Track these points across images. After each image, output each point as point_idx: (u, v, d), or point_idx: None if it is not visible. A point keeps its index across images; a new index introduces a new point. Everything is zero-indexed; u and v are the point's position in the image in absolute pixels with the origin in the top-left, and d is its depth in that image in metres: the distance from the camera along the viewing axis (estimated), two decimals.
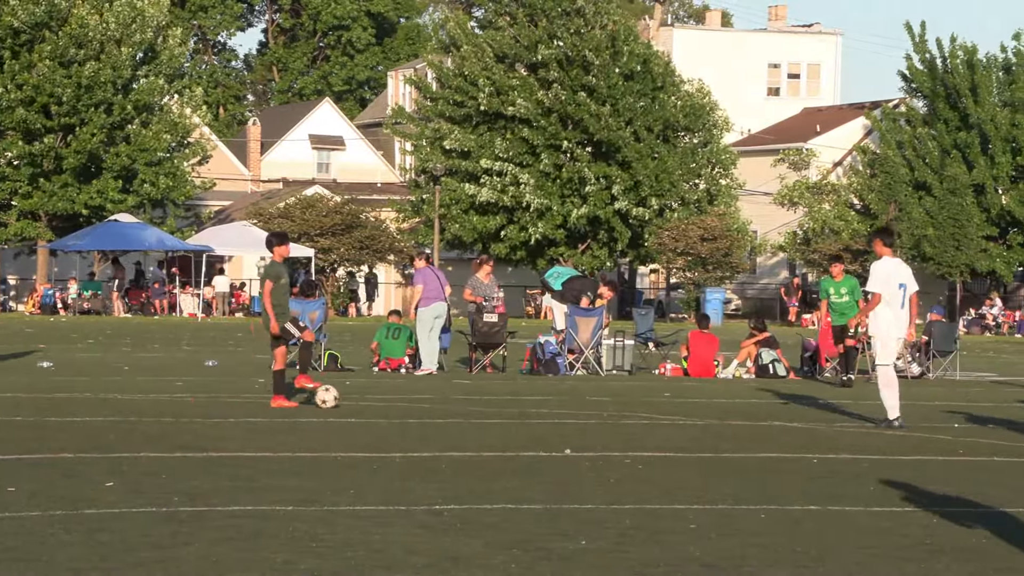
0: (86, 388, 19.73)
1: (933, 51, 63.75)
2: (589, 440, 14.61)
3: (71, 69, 56.59)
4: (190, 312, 55.11)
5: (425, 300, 24.56)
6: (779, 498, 10.92)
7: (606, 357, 25.65)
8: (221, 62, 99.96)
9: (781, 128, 73.21)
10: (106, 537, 8.76)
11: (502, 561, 8.32)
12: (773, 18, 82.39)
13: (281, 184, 73.91)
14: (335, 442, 13.96)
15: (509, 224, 60.17)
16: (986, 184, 61.41)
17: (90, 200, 57.28)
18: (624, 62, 60.49)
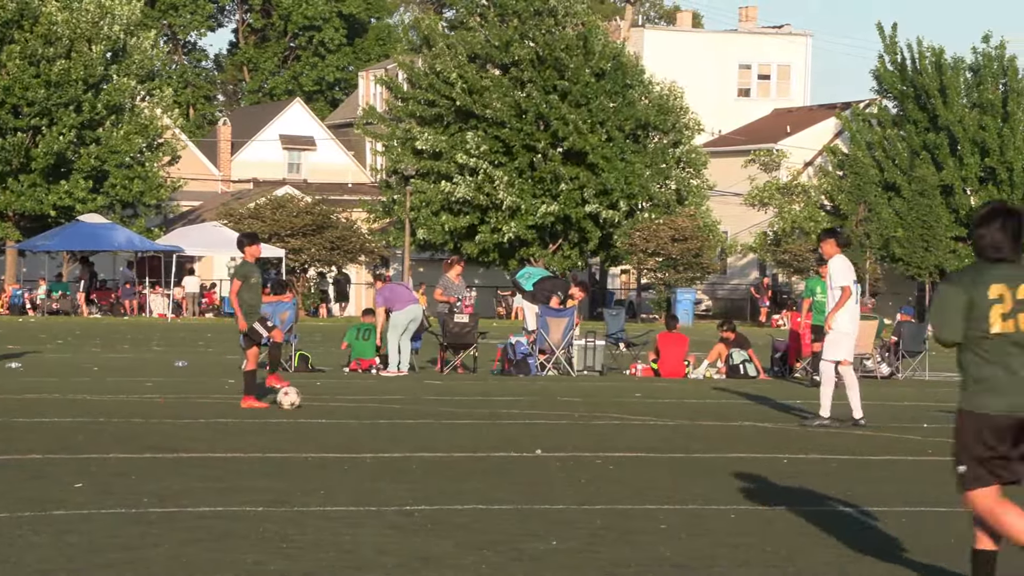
0: (55, 389, 19.63)
1: (904, 52, 64.07)
2: (560, 440, 14.61)
3: (40, 67, 56.34)
4: (160, 313, 54.92)
5: (400, 305, 24.54)
6: (749, 498, 10.94)
7: (577, 358, 25.66)
8: (191, 62, 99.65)
9: (751, 129, 73.41)
10: (75, 538, 8.72)
11: (473, 561, 8.31)
12: (743, 19, 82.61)
13: (252, 184, 73.74)
14: (305, 443, 13.92)
15: (481, 224, 60.16)
16: (955, 185, 61.74)
17: (59, 200, 57.03)
18: (595, 61, 60.55)
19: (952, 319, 7.37)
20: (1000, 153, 61.45)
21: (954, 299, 7.38)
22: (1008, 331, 7.32)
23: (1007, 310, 7.33)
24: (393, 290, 25.18)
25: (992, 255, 7.41)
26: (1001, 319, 7.32)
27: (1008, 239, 7.40)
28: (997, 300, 7.32)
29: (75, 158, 57.38)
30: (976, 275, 7.39)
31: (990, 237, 7.41)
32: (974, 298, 7.33)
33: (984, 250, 7.44)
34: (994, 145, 61.44)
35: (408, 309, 24.48)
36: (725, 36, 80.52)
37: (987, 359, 7.35)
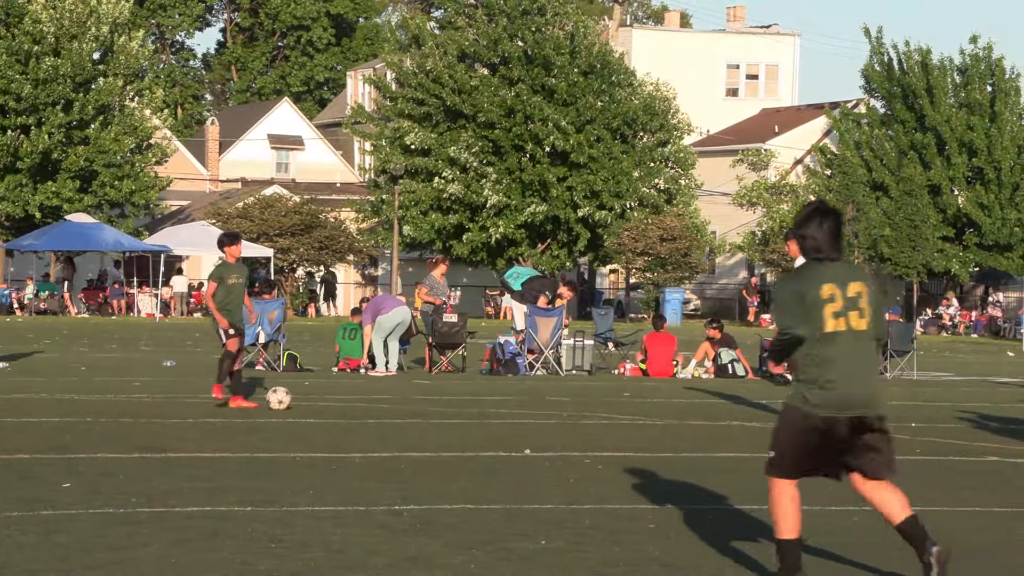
0: (42, 389, 19.60)
1: (891, 53, 64.20)
2: (548, 440, 14.62)
3: (29, 65, 56.23)
4: (148, 312, 54.85)
5: (386, 309, 24.53)
6: (738, 498, 10.96)
7: (566, 357, 25.68)
8: (179, 62, 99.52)
9: (739, 129, 73.48)
10: (63, 538, 8.71)
11: (461, 561, 8.32)
12: (731, 19, 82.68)
13: (240, 184, 73.66)
14: (294, 442, 13.92)
15: (470, 223, 60.17)
16: (942, 185, 61.85)
17: (46, 200, 56.91)
18: (582, 59, 60.58)
19: (792, 314, 7.53)
20: (988, 153, 61.57)
21: (792, 297, 7.54)
22: (839, 329, 7.46)
23: (838, 308, 7.48)
24: (377, 300, 25.27)
25: (815, 255, 7.57)
26: (832, 317, 7.48)
27: (827, 239, 7.55)
28: (829, 299, 7.48)
29: (63, 158, 57.27)
30: (809, 275, 7.53)
31: (811, 238, 7.57)
32: (809, 297, 7.48)
33: (807, 252, 7.59)
34: (982, 145, 61.55)
35: (394, 312, 24.45)
36: (713, 36, 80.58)
37: (818, 357, 7.48)
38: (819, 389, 7.46)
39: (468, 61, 62.13)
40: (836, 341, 7.45)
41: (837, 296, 7.48)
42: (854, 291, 7.53)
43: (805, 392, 7.50)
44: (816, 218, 7.60)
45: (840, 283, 7.51)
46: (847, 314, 7.48)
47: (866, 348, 7.57)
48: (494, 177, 59.13)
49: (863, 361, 7.54)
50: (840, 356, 7.46)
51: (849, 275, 7.56)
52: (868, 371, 7.58)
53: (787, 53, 78.90)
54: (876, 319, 7.62)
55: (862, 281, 7.58)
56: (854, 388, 7.48)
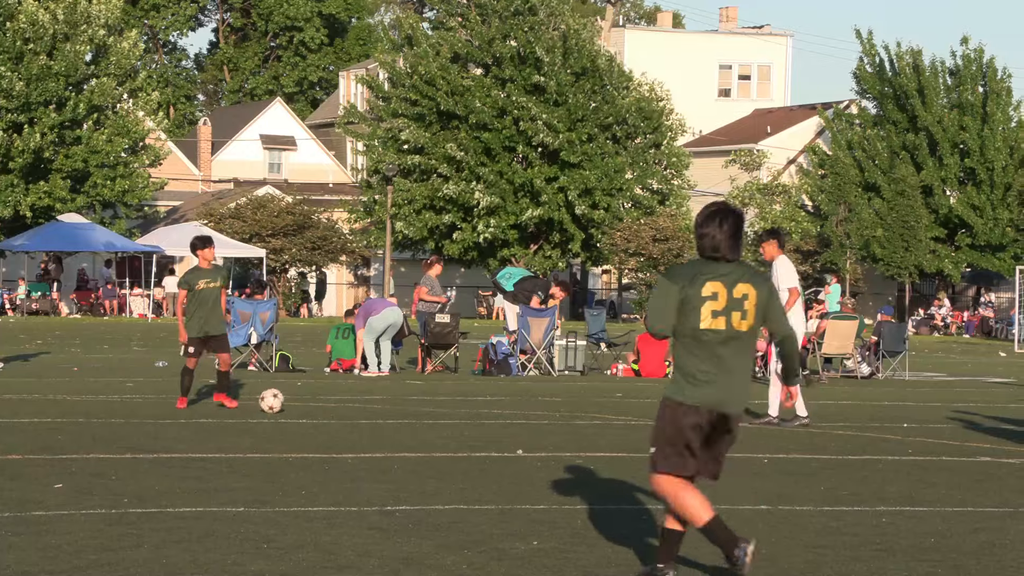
0: (34, 389, 19.57)
1: (881, 54, 64.27)
2: (541, 441, 14.62)
3: (24, 61, 56.16)
4: (140, 313, 54.79)
5: (376, 311, 24.51)
6: (729, 498, 10.95)
7: (558, 358, 25.69)
8: (172, 62, 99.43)
9: (732, 129, 73.53)
10: (55, 539, 8.69)
11: (454, 562, 8.31)
12: (724, 20, 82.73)
13: (232, 184, 73.60)
14: (286, 443, 13.90)
15: (463, 222, 60.18)
16: (934, 186, 61.92)
17: (38, 200, 56.85)
18: (574, 61, 60.61)
19: (664, 313, 7.57)
20: (980, 154, 61.64)
21: (669, 294, 7.57)
22: (718, 328, 7.51)
23: (719, 307, 7.51)
24: (367, 304, 25.25)
25: (711, 254, 7.60)
26: (711, 316, 7.51)
27: (726, 239, 7.57)
28: (710, 297, 7.50)
29: (55, 158, 57.20)
30: (694, 272, 7.57)
31: (710, 237, 7.59)
32: (688, 294, 7.52)
33: (704, 249, 7.62)
34: (974, 146, 61.63)
35: (384, 314, 24.44)
36: (706, 36, 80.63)
37: (694, 353, 7.55)
38: (689, 384, 7.54)
39: (461, 62, 62.14)
40: (711, 339, 7.51)
41: (721, 295, 7.53)
42: (741, 292, 7.56)
43: (679, 386, 7.59)
44: (717, 217, 7.61)
45: (727, 282, 7.54)
46: (729, 313, 7.52)
47: (742, 349, 7.60)
48: (490, 179, 59.13)
49: (737, 361, 7.58)
50: (713, 354, 7.52)
51: (739, 276, 7.59)
52: (740, 372, 7.60)
53: (779, 54, 78.95)
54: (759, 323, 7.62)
55: (752, 284, 7.60)
56: (722, 386, 7.53)
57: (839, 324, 26.41)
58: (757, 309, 7.63)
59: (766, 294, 7.68)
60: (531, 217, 59.34)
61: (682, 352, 7.63)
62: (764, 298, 7.66)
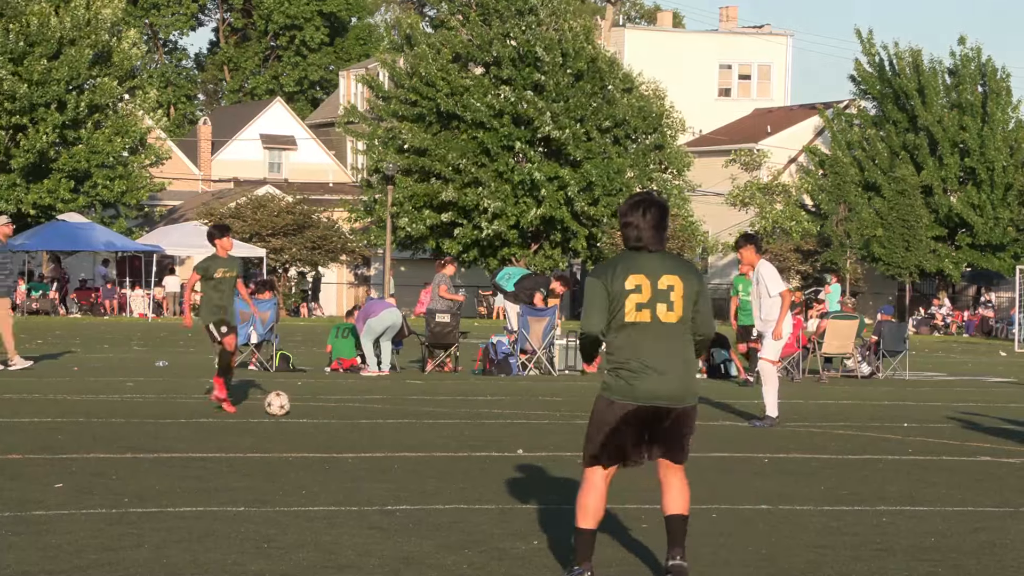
0: (34, 389, 19.56)
1: (881, 54, 64.28)
2: (542, 440, 14.62)
3: (27, 63, 56.16)
4: (140, 312, 54.80)
5: (375, 313, 24.50)
6: (730, 498, 10.95)
7: (558, 357, 25.69)
8: (172, 61, 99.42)
9: (732, 129, 73.52)
10: (55, 539, 8.69)
11: (454, 561, 8.31)
12: (724, 19, 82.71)
13: (232, 184, 73.60)
14: (287, 443, 13.90)
15: (464, 219, 60.20)
16: (934, 185, 61.92)
17: (39, 200, 56.86)
18: (573, 62, 60.62)
19: (592, 312, 7.49)
20: (980, 153, 61.63)
21: (595, 291, 7.49)
22: (643, 320, 7.42)
23: (643, 300, 7.43)
24: (367, 306, 25.24)
25: (634, 244, 7.51)
26: (636, 309, 7.41)
27: (649, 229, 7.47)
28: (634, 290, 7.41)
29: (56, 157, 57.20)
30: (616, 265, 7.48)
31: (633, 227, 7.50)
32: (612, 288, 7.43)
33: (628, 240, 7.54)
34: (974, 145, 61.63)
35: (383, 316, 24.43)
36: (706, 36, 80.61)
37: (621, 347, 7.47)
38: (619, 379, 7.47)
39: (461, 61, 62.14)
40: (638, 332, 7.41)
41: (644, 287, 7.42)
42: (666, 283, 7.44)
43: (610, 381, 7.53)
44: (640, 208, 7.51)
45: (651, 274, 7.44)
46: (654, 306, 7.41)
47: (673, 340, 7.48)
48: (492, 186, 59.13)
49: (668, 353, 7.45)
50: (641, 347, 7.41)
51: (664, 267, 7.48)
52: (673, 363, 7.48)
53: (779, 53, 78.93)
54: (688, 313, 7.50)
55: (678, 275, 7.48)
56: (655, 379, 7.43)
57: (839, 324, 26.41)
58: (685, 300, 7.49)
59: (695, 285, 7.54)
60: (534, 218, 59.38)
61: (611, 346, 7.53)
62: (693, 289, 7.53)
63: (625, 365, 7.46)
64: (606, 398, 7.56)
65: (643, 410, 7.48)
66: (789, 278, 61.54)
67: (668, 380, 7.47)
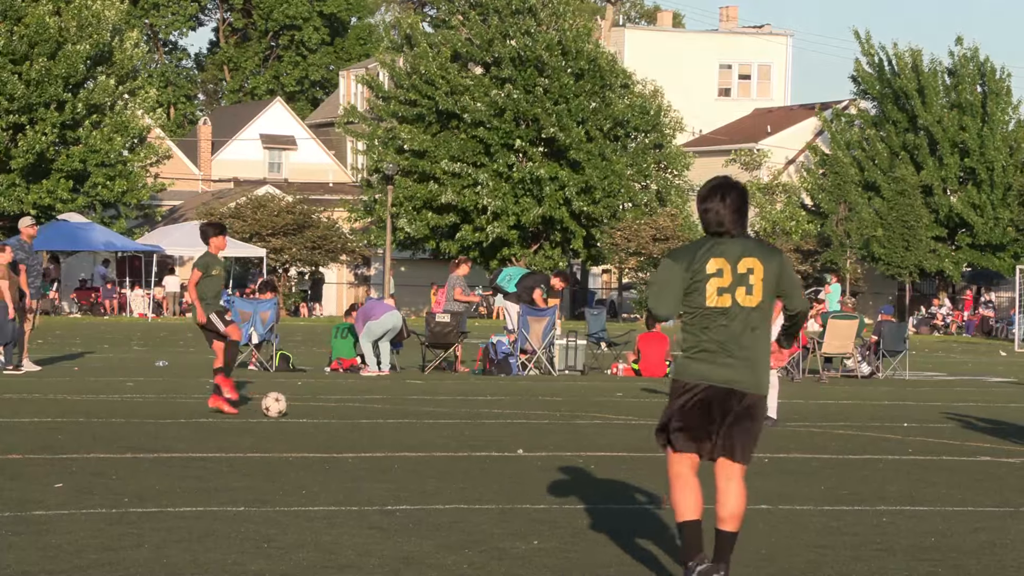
0: (35, 389, 19.56)
1: (880, 55, 64.28)
2: (541, 440, 14.61)
3: (23, 66, 56.16)
4: (140, 312, 54.80)
5: (376, 315, 24.47)
6: None
7: (558, 357, 25.69)
8: (172, 61, 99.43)
9: (732, 129, 73.52)
10: (55, 539, 8.69)
11: (454, 561, 8.31)
12: (724, 19, 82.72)
13: (232, 184, 73.60)
14: (287, 443, 13.89)
15: (464, 223, 60.20)
16: (934, 185, 61.92)
17: (39, 200, 56.85)
18: (574, 61, 60.63)
19: (667, 294, 7.41)
20: (980, 153, 61.63)
21: (672, 273, 7.42)
22: (723, 305, 7.35)
23: (724, 284, 7.34)
24: (367, 306, 25.21)
25: (715, 229, 7.42)
26: (717, 293, 7.34)
27: (730, 213, 7.38)
28: (715, 274, 7.34)
29: (55, 157, 57.19)
30: (697, 250, 7.42)
31: (713, 212, 7.41)
32: (692, 272, 7.35)
33: (708, 225, 7.45)
34: (974, 145, 61.63)
35: (384, 318, 24.42)
36: (706, 36, 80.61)
37: (699, 331, 7.38)
38: (694, 362, 7.41)
39: (461, 61, 62.13)
40: (717, 316, 7.34)
41: (725, 272, 7.34)
42: (745, 267, 7.36)
43: (685, 364, 7.47)
44: (719, 192, 7.44)
45: (731, 258, 7.35)
46: (734, 290, 7.34)
47: (751, 325, 7.38)
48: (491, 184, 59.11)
49: (745, 338, 7.36)
50: (719, 332, 7.34)
51: (744, 251, 7.38)
52: (749, 349, 7.38)
53: (779, 53, 78.94)
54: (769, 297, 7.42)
55: (758, 257, 7.39)
56: (730, 363, 7.37)
57: (839, 323, 26.41)
58: (765, 283, 7.42)
59: (776, 267, 7.45)
60: (535, 217, 59.37)
61: (687, 331, 7.47)
62: (773, 272, 7.45)
63: (701, 348, 7.39)
64: (680, 380, 7.49)
65: (715, 391, 7.40)
66: None
67: (743, 365, 7.39)
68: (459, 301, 25.62)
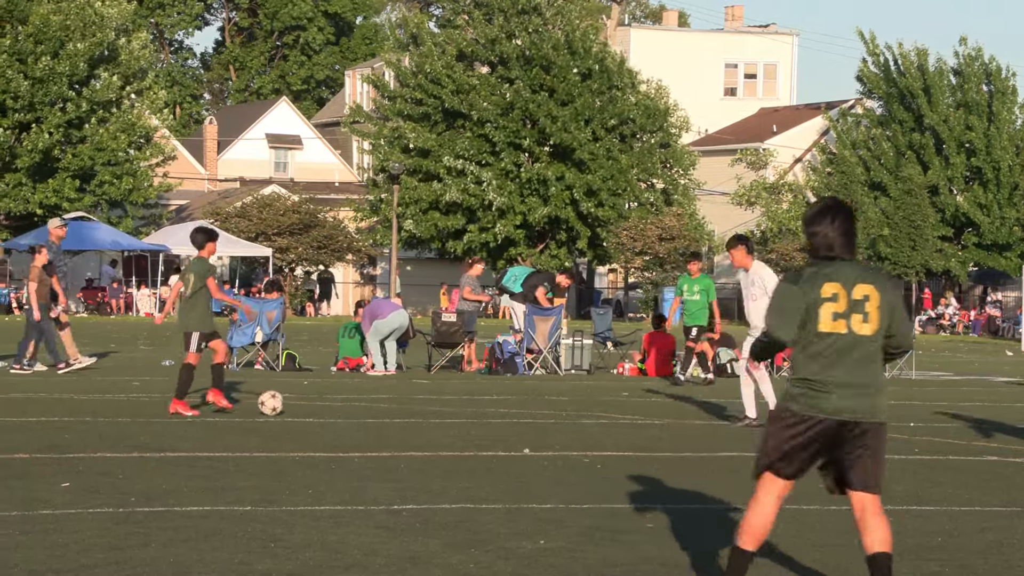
0: (41, 388, 19.58)
1: (886, 55, 64.25)
2: (548, 440, 14.61)
3: (27, 64, 56.22)
4: (146, 312, 54.85)
5: (382, 315, 24.46)
6: (737, 497, 10.94)
7: (564, 357, 25.69)
8: (178, 61, 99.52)
9: (738, 128, 73.49)
10: (62, 538, 8.70)
11: (460, 561, 8.31)
12: (729, 18, 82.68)
13: (238, 183, 73.64)
14: (293, 442, 13.90)
15: (470, 223, 60.20)
16: (940, 185, 61.88)
17: (45, 199, 56.90)
18: (581, 61, 60.64)
19: (787, 318, 7.15)
20: (986, 153, 61.58)
21: (790, 296, 7.16)
22: (838, 331, 7.11)
23: (840, 310, 7.10)
24: (374, 305, 25.17)
25: (825, 253, 7.21)
26: (831, 319, 7.10)
27: (839, 236, 7.19)
28: (830, 299, 7.10)
29: (62, 156, 57.23)
30: (813, 273, 7.18)
31: (822, 235, 7.20)
32: (808, 296, 7.10)
33: (818, 249, 7.23)
34: (980, 145, 61.58)
35: (391, 317, 24.42)
36: (711, 35, 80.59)
37: (811, 359, 7.12)
38: (805, 390, 7.16)
39: (467, 61, 62.14)
40: (830, 343, 7.09)
41: (840, 296, 7.10)
42: (861, 293, 7.13)
43: (794, 391, 7.21)
44: (828, 215, 7.22)
45: (846, 283, 7.12)
46: (849, 316, 7.10)
47: (865, 353, 7.15)
48: (495, 183, 59.10)
49: (859, 366, 7.13)
50: (831, 359, 7.09)
51: (859, 276, 7.15)
52: (864, 377, 7.15)
53: (785, 52, 78.90)
54: (886, 324, 7.20)
55: (874, 284, 7.17)
56: (843, 392, 7.10)
57: None
58: (881, 311, 7.16)
59: (890, 295, 7.21)
60: (541, 216, 59.37)
61: (800, 358, 7.19)
62: (889, 301, 7.19)
63: (813, 376, 7.13)
64: (788, 407, 7.20)
65: (826, 424, 7.13)
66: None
67: (857, 394, 7.13)
68: (468, 300, 25.65)
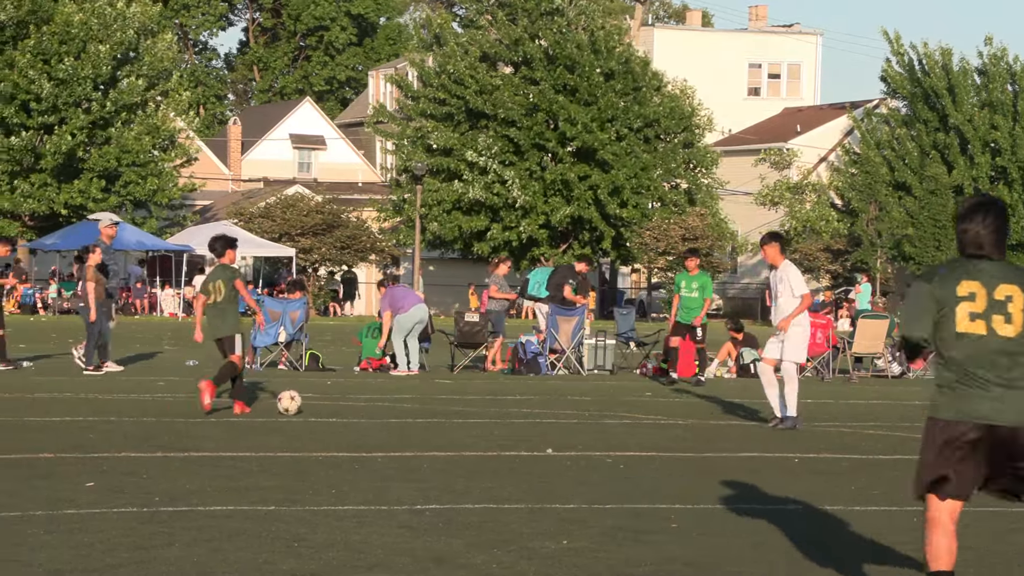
0: (66, 388, 19.65)
1: (910, 54, 64.06)
2: (570, 439, 14.61)
3: (51, 64, 56.43)
4: (171, 312, 55.02)
5: (405, 307, 24.42)
6: (760, 497, 10.93)
7: (587, 357, 25.67)
8: (202, 61, 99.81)
9: (762, 128, 73.35)
10: (86, 537, 8.73)
11: (484, 561, 8.31)
12: (753, 18, 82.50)
13: (262, 184, 73.79)
14: (316, 442, 13.93)
15: (493, 223, 60.21)
16: (965, 185, 61.66)
17: (70, 200, 57.11)
18: (604, 61, 60.61)
19: (919, 317, 6.89)
20: (1012, 152, 61.34)
21: (919, 294, 6.91)
22: (977, 332, 6.80)
23: (978, 310, 6.79)
24: (396, 293, 25.03)
25: (973, 251, 6.90)
26: (968, 319, 6.79)
27: (990, 235, 6.88)
28: (967, 298, 6.80)
29: (87, 157, 57.43)
30: (950, 271, 6.91)
31: (971, 233, 6.90)
32: (942, 295, 6.82)
33: (965, 246, 6.92)
34: (1005, 144, 61.34)
35: (412, 311, 24.38)
36: (735, 35, 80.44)
37: (952, 361, 6.87)
38: (948, 397, 6.87)
39: (490, 61, 62.16)
40: (970, 344, 6.79)
41: (979, 296, 6.78)
42: (1004, 293, 6.79)
43: (938, 400, 6.94)
44: (980, 211, 6.88)
45: (987, 282, 6.78)
46: (989, 317, 6.76)
47: (1009, 355, 6.79)
48: (518, 181, 59.09)
49: (1003, 369, 6.78)
50: (973, 361, 6.80)
51: (1004, 276, 6.82)
52: (1008, 380, 6.78)
53: (809, 52, 78.70)
54: None
55: (1019, 284, 6.82)
56: (987, 396, 6.78)
57: (870, 323, 26.32)
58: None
59: None
60: (564, 216, 59.35)
61: (940, 361, 6.91)
62: None
63: (954, 380, 6.86)
64: (934, 418, 6.93)
65: (974, 430, 6.81)
66: (819, 278, 61.37)
67: (1002, 398, 6.78)
68: (495, 299, 25.65)
